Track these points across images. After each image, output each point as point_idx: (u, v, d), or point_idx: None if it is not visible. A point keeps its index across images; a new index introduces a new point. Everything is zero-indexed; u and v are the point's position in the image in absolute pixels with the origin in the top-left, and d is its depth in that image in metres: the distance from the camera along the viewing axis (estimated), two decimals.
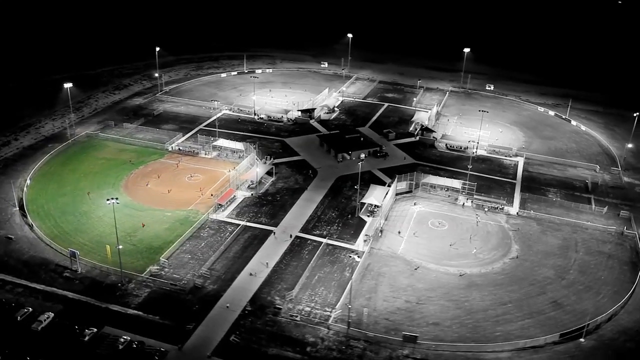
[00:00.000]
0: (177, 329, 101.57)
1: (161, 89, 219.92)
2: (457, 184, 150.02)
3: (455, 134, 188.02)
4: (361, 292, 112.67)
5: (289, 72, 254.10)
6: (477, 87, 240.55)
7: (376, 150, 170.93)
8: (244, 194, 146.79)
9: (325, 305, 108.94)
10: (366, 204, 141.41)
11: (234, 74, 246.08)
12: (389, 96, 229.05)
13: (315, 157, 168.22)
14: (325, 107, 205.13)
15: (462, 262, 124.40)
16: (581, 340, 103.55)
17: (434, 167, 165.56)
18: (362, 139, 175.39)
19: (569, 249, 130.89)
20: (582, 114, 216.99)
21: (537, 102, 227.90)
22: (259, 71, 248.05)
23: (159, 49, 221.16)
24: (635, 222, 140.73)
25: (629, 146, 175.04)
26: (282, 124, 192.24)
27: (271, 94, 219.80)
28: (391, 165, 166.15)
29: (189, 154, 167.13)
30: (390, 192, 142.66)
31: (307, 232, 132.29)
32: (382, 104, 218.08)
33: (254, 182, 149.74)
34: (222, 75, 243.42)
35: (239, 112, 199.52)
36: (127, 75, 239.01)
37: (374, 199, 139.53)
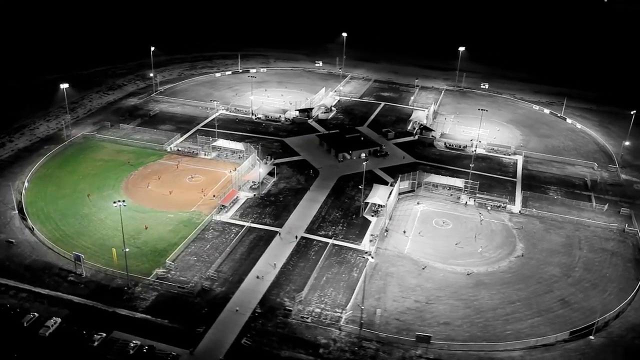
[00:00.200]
0: (187, 332, 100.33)
1: (156, 89, 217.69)
2: (460, 182, 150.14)
3: (453, 133, 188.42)
4: (370, 292, 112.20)
5: (283, 72, 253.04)
6: (472, 86, 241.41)
7: (376, 149, 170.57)
8: (247, 194, 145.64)
9: (335, 306, 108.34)
10: (370, 203, 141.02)
11: (229, 73, 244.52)
12: (385, 95, 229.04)
13: (315, 157, 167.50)
14: (322, 106, 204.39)
15: (468, 261, 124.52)
16: (591, 337, 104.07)
17: (435, 166, 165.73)
18: (362, 139, 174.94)
19: (572, 247, 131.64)
20: (577, 112, 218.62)
21: (532, 101, 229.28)
22: (254, 70, 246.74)
23: (154, 48, 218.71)
24: (636, 219, 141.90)
25: (626, 144, 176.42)
26: (280, 124, 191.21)
27: (267, 93, 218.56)
28: (391, 164, 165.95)
29: (188, 154, 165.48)
30: (394, 192, 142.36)
31: (312, 232, 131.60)
32: (379, 103, 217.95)
33: (256, 183, 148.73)
34: (217, 75, 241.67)
35: (235, 112, 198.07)
36: (121, 75, 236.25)
37: (378, 198, 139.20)
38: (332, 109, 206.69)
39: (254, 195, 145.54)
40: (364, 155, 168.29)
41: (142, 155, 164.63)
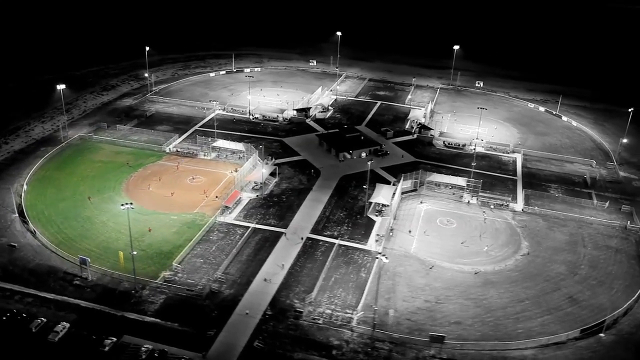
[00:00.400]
0: (198, 335, 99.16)
1: (150, 90, 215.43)
2: (462, 181, 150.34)
3: (450, 131, 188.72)
4: (380, 292, 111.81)
5: (277, 71, 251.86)
6: (466, 84, 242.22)
7: (377, 148, 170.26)
8: (249, 195, 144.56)
9: (345, 307, 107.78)
10: (373, 203, 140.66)
11: (223, 73, 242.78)
12: (381, 94, 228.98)
13: (316, 157, 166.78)
14: (320, 106, 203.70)
15: (475, 260, 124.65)
16: (601, 335, 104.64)
17: (435, 165, 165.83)
18: (362, 138, 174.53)
19: (577, 245, 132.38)
20: (571, 110, 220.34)
21: (526, 99, 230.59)
22: (248, 70, 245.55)
23: (148, 48, 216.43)
24: (637, 216, 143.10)
25: (624, 141, 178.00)
26: (278, 124, 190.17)
27: (263, 93, 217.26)
28: (391, 163, 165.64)
29: (187, 155, 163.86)
30: (398, 191, 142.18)
31: (317, 233, 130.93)
32: (375, 102, 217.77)
33: (258, 183, 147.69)
34: (211, 74, 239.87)
35: (232, 112, 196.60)
36: (114, 75, 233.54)
37: (382, 198, 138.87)
38: (329, 108, 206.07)
39: (257, 195, 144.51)
40: (364, 154, 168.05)
41: (141, 156, 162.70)
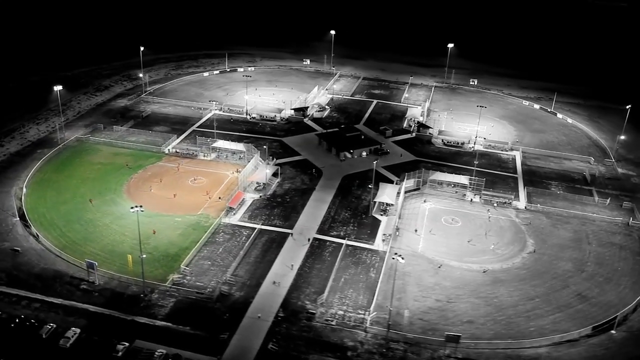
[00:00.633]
0: (211, 339, 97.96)
1: (144, 90, 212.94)
2: (465, 180, 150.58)
3: (448, 130, 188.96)
4: (391, 292, 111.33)
5: (270, 70, 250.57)
6: (460, 82, 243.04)
7: (377, 147, 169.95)
8: (252, 196, 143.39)
9: (357, 307, 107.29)
10: (377, 202, 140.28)
11: (216, 72, 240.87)
12: (376, 93, 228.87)
13: (317, 157, 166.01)
14: (316, 105, 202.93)
15: (482, 259, 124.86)
16: (612, 332, 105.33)
17: (436, 164, 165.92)
18: (362, 137, 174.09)
19: (581, 242, 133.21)
20: (565, 107, 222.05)
21: (521, 96, 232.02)
22: (241, 69, 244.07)
23: (143, 48, 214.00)
24: (638, 212, 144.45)
25: (622, 138, 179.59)
26: (276, 123, 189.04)
27: (259, 92, 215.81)
28: (392, 162, 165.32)
29: (187, 156, 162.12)
30: (402, 190, 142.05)
31: (323, 233, 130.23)
32: (371, 101, 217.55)
33: (260, 184, 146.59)
34: (205, 74, 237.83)
35: (229, 112, 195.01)
36: (106, 76, 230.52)
37: (387, 197, 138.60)
38: (326, 107, 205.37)
39: (260, 196, 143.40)
40: (364, 154, 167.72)
41: (140, 157, 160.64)
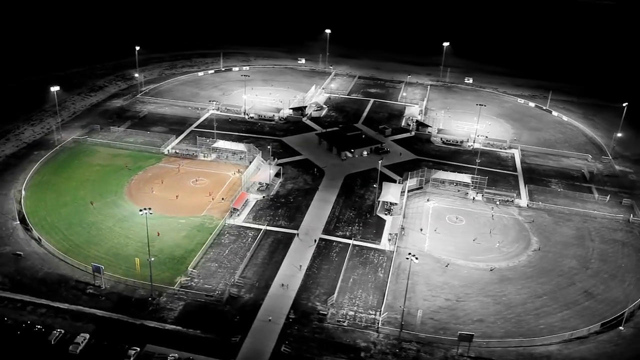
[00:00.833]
0: (223, 342, 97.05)
1: (140, 90, 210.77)
2: (467, 178, 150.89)
3: (446, 128, 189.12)
4: (400, 292, 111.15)
5: (265, 70, 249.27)
6: (455, 80, 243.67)
7: (378, 147, 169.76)
8: (255, 196, 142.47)
9: (367, 308, 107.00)
10: (381, 202, 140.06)
11: (211, 72, 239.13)
12: (372, 91, 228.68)
13: (318, 156, 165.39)
14: (314, 104, 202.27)
15: (488, 257, 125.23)
16: (620, 328, 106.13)
17: (437, 162, 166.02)
18: (363, 136, 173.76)
19: (584, 239, 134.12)
20: (560, 105, 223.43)
21: (515, 94, 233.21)
22: (236, 69, 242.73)
23: (139, 48, 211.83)
24: (638, 209, 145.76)
25: (619, 135, 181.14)
26: (274, 123, 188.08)
27: (255, 92, 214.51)
28: (392, 161, 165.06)
29: (187, 157, 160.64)
30: (406, 189, 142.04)
31: (329, 233, 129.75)
32: (368, 100, 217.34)
33: (263, 184, 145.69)
34: (200, 74, 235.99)
35: (227, 112, 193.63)
36: (100, 76, 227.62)
37: (391, 196, 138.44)
38: (324, 106, 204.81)
39: (263, 197, 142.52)
40: (365, 153, 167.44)
41: (139, 158, 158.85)
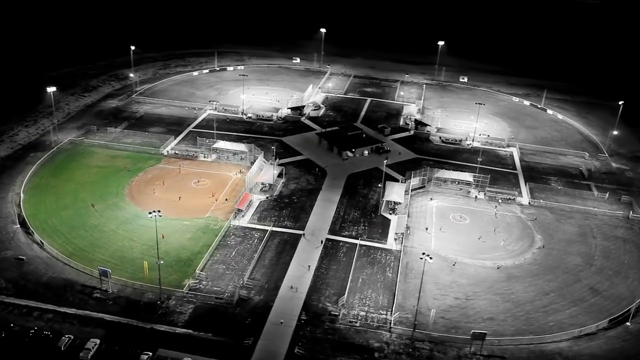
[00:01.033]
0: (235, 345, 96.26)
1: (135, 90, 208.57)
2: (469, 177, 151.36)
3: (445, 127, 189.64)
4: (409, 291, 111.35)
5: (260, 69, 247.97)
6: (449, 79, 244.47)
7: (378, 146, 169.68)
8: (259, 197, 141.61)
9: (378, 308, 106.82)
10: (384, 201, 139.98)
11: (206, 72, 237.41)
12: (369, 90, 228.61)
13: (319, 156, 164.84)
14: (312, 103, 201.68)
15: (494, 255, 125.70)
16: (627, 324, 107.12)
17: (437, 161, 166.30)
18: (364, 136, 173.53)
19: (587, 236, 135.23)
20: (554, 103, 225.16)
21: (510, 93, 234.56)
22: (231, 69, 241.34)
23: (134, 47, 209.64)
24: (637, 206, 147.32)
25: (615, 133, 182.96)
26: (273, 123, 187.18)
27: (251, 91, 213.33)
28: (392, 161, 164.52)
29: (187, 157, 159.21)
30: (409, 189, 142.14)
31: (335, 233, 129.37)
32: (365, 99, 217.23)
33: (266, 185, 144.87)
34: (194, 73, 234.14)
35: (224, 112, 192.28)
36: (93, 76, 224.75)
37: (396, 196, 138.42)
38: (322, 105, 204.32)
39: (267, 197, 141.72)
40: (366, 152, 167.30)
41: (138, 160, 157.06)
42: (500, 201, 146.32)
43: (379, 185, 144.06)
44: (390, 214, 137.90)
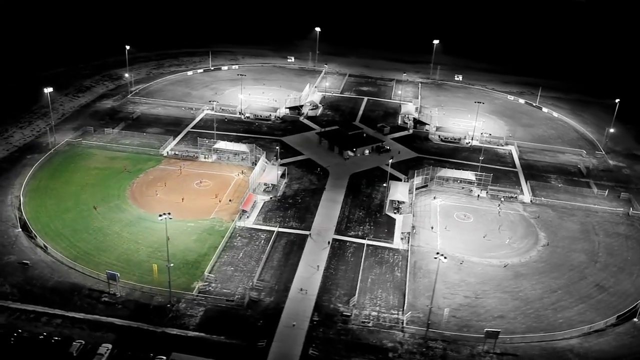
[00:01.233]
0: (249, 348, 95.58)
1: (130, 90, 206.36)
2: (471, 175, 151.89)
3: (443, 125, 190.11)
4: (419, 290, 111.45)
5: (254, 69, 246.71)
6: (444, 78, 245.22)
7: (379, 145, 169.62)
8: (263, 198, 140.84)
9: (389, 307, 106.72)
10: (388, 200, 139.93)
11: (200, 71, 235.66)
12: (365, 89, 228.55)
13: (320, 156, 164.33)
14: (309, 103, 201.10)
15: (500, 253, 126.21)
16: (635, 320, 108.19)
17: (437, 160, 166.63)
18: (365, 135, 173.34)
19: (589, 233, 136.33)
20: (548, 101, 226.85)
21: (504, 91, 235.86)
22: (225, 68, 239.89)
23: (129, 47, 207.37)
24: (636, 202, 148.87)
25: (611, 131, 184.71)
26: (271, 123, 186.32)
27: (247, 91, 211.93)
28: (393, 160, 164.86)
29: (187, 158, 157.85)
30: (413, 188, 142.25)
31: (341, 233, 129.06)
32: (362, 98, 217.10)
33: (269, 185, 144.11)
34: (189, 73, 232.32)
35: (222, 112, 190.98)
36: (86, 76, 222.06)
37: (400, 195, 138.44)
38: (319, 105, 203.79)
39: (270, 198, 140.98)
40: (367, 152, 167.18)
41: (138, 161, 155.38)
42: (502, 199, 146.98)
43: (383, 184, 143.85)
44: (394, 213, 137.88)
